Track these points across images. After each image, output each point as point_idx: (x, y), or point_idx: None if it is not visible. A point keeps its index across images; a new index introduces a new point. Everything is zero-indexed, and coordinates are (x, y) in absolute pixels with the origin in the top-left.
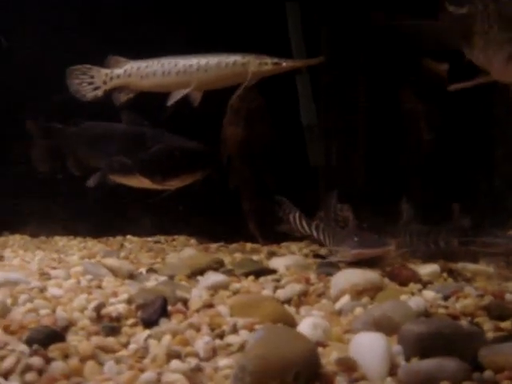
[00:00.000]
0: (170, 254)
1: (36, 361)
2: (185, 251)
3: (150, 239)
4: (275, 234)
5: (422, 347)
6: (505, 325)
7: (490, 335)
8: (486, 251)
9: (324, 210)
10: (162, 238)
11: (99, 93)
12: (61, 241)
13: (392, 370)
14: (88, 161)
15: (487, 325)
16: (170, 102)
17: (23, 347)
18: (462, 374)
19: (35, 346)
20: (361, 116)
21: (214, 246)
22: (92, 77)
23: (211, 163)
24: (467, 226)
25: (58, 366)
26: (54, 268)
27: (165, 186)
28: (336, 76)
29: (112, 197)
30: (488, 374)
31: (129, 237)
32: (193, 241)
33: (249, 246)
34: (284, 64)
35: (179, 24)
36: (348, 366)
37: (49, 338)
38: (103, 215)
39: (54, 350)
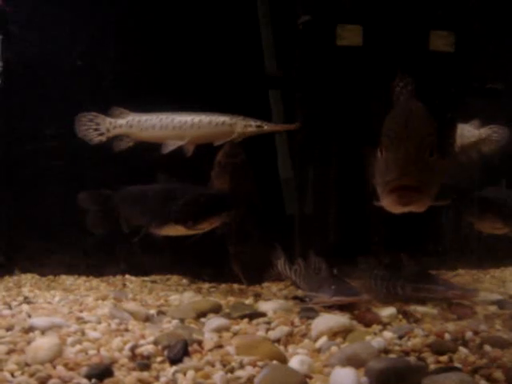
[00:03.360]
0: (171, 296)
1: None
2: (185, 294)
3: (146, 279)
4: (257, 275)
5: (382, 379)
6: (443, 358)
7: (432, 367)
8: (430, 296)
9: (302, 260)
10: (157, 278)
11: (103, 138)
12: (67, 280)
13: None
14: (133, 219)
15: (430, 359)
16: (165, 150)
17: (85, 381)
18: None
19: (94, 380)
20: (332, 171)
21: (205, 286)
22: (98, 124)
23: (232, 206)
24: (417, 273)
25: None
26: (81, 311)
27: (197, 230)
28: (309, 136)
29: (111, 239)
30: None
31: (127, 276)
32: (185, 281)
33: (236, 286)
34: (266, 127)
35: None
36: None
37: (103, 373)
38: (103, 256)
39: (108, 383)
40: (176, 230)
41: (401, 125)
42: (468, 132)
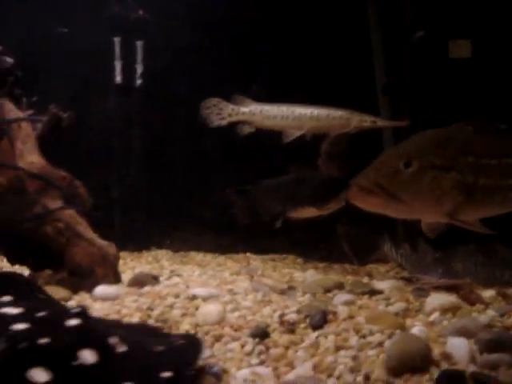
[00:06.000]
0: (294, 273)
1: (260, 347)
2: (307, 272)
3: (265, 257)
4: (363, 256)
5: (490, 347)
6: None
7: None
8: None
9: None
10: (275, 257)
11: (223, 122)
12: (197, 256)
13: (472, 360)
14: (272, 208)
15: None
16: (286, 139)
17: (250, 340)
18: None
19: (257, 340)
20: None
21: (320, 265)
22: (221, 109)
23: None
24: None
25: (274, 351)
26: (225, 284)
27: (325, 211)
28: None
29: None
30: None
31: (248, 254)
32: (299, 260)
33: (347, 266)
34: (379, 122)
35: None
36: (446, 356)
37: (262, 334)
38: (227, 236)
39: (268, 342)
40: (308, 212)
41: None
42: None
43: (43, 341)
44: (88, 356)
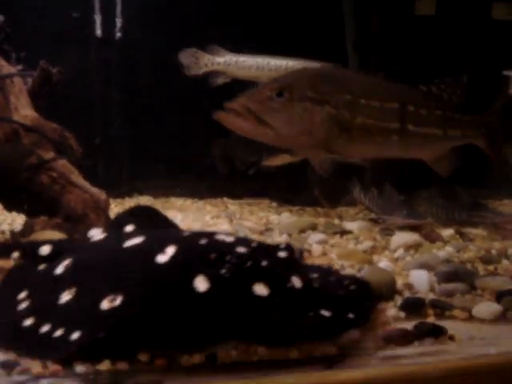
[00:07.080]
0: (270, 216)
1: None
2: (282, 215)
3: (242, 201)
4: (334, 199)
5: (447, 278)
6: (490, 267)
7: (482, 273)
8: (481, 221)
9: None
10: (250, 201)
11: (200, 71)
12: (177, 201)
13: (432, 289)
14: (247, 157)
15: (480, 267)
16: None
17: None
18: (465, 290)
19: None
20: None
21: (294, 209)
22: (197, 58)
23: None
24: (470, 202)
25: None
26: (208, 227)
27: (299, 157)
28: None
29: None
30: (479, 291)
31: (225, 199)
32: (274, 204)
33: (319, 209)
34: None
35: None
36: (409, 287)
37: None
38: (206, 182)
39: None
40: (282, 159)
41: None
42: None
43: (264, 263)
44: (297, 282)
